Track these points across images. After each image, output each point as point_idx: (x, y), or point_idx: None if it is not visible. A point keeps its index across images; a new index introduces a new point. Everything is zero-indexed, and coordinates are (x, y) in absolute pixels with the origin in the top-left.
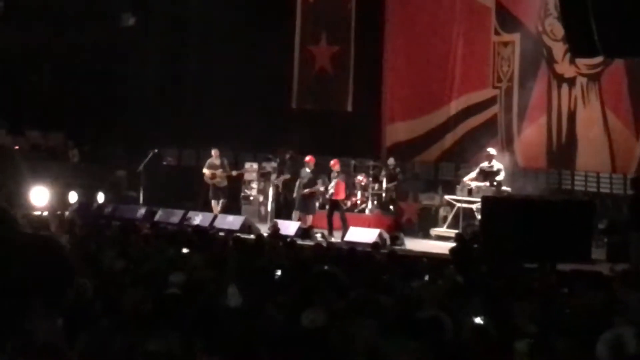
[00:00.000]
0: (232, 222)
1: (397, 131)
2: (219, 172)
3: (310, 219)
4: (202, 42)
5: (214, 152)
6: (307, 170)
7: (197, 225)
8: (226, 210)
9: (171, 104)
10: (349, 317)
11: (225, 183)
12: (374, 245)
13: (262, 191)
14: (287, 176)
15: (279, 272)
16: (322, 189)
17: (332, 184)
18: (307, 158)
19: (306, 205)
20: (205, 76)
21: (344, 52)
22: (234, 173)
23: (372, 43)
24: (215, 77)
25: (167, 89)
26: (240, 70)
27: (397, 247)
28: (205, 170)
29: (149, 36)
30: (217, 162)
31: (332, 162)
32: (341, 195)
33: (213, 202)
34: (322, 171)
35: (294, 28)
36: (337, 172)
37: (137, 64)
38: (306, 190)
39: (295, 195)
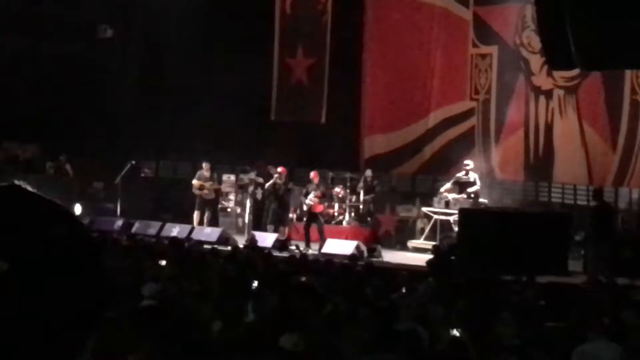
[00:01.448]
0: (209, 234)
1: (376, 143)
2: (208, 184)
3: (286, 230)
4: (180, 54)
5: (204, 165)
6: (281, 182)
7: (174, 237)
8: (205, 222)
9: (149, 116)
10: (328, 331)
11: (212, 196)
12: (351, 257)
13: (240, 203)
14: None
15: (255, 284)
16: (297, 200)
17: (311, 195)
18: (280, 169)
19: (281, 217)
20: (183, 88)
21: (319, 64)
22: (217, 186)
23: (348, 55)
24: (193, 89)
25: (145, 101)
26: (218, 83)
27: (374, 259)
28: (195, 181)
29: (127, 48)
30: (207, 174)
31: (311, 175)
32: (319, 208)
33: (197, 214)
34: (301, 183)
35: (272, 40)
36: (317, 185)
37: (115, 75)
38: (280, 203)
39: (269, 207)
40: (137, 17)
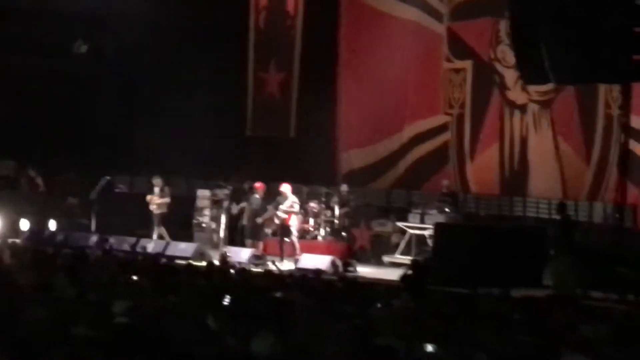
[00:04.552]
0: (184, 249)
1: (353, 158)
2: (154, 198)
3: (261, 245)
4: (155, 69)
5: (156, 180)
6: (257, 197)
7: (149, 253)
8: (173, 237)
9: (124, 132)
10: (301, 346)
11: (160, 210)
12: (316, 272)
13: (215, 218)
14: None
15: (227, 299)
16: (275, 215)
17: (283, 209)
18: (257, 185)
19: (256, 232)
20: (158, 103)
21: (289, 78)
22: (164, 200)
23: (322, 69)
24: (169, 104)
25: (120, 117)
26: (193, 98)
27: (349, 274)
28: (148, 197)
29: (102, 63)
30: (157, 189)
31: (282, 188)
32: (291, 220)
33: (156, 229)
34: (275, 198)
35: (246, 55)
36: (290, 199)
37: (90, 91)
38: (260, 219)
39: (245, 222)
40: (112, 33)
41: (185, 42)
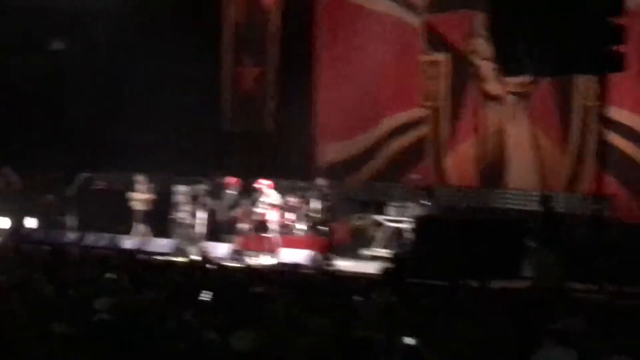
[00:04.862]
0: (163, 245)
1: (330, 152)
2: (137, 195)
3: (239, 241)
4: (134, 66)
5: (139, 177)
6: (232, 192)
7: (127, 249)
8: (149, 234)
9: (101, 128)
10: (281, 340)
11: (142, 207)
12: (295, 266)
13: (193, 214)
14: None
15: (208, 295)
16: (250, 210)
17: (262, 204)
18: (231, 180)
19: (232, 227)
20: (135, 99)
21: (266, 72)
22: (147, 196)
23: (299, 63)
24: (146, 100)
25: (98, 113)
26: (171, 94)
27: (329, 268)
28: (130, 194)
29: (81, 60)
30: (142, 186)
31: (261, 183)
32: (270, 216)
33: (138, 226)
34: (251, 193)
35: (223, 50)
36: (270, 194)
37: (69, 88)
38: (233, 213)
39: (222, 218)
40: (88, 30)
41: (161, 37)
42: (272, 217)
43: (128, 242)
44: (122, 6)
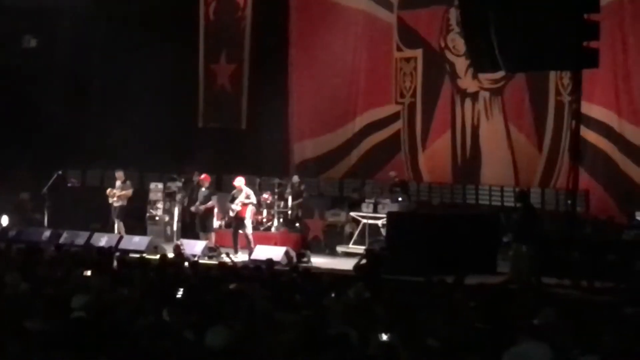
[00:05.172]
0: (138, 242)
1: (306, 148)
2: (114, 191)
3: (213, 237)
4: (106, 63)
5: (117, 173)
6: (202, 189)
7: (102, 247)
8: (126, 230)
9: (75, 125)
10: (256, 336)
11: (120, 203)
12: (268, 262)
13: (168, 211)
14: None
15: (180, 292)
16: (224, 207)
17: (238, 201)
18: (202, 176)
19: (205, 224)
20: (109, 96)
21: (240, 69)
22: (125, 192)
23: (272, 61)
24: (120, 98)
25: (71, 110)
26: (145, 91)
27: (303, 265)
28: (108, 190)
29: (53, 58)
30: (119, 182)
31: (236, 180)
32: (247, 214)
33: (116, 222)
34: (229, 190)
35: (197, 47)
36: (245, 192)
37: (41, 85)
38: (200, 207)
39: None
40: (61, 27)
41: (135, 34)
42: (247, 214)
43: (103, 240)
44: (96, 3)
